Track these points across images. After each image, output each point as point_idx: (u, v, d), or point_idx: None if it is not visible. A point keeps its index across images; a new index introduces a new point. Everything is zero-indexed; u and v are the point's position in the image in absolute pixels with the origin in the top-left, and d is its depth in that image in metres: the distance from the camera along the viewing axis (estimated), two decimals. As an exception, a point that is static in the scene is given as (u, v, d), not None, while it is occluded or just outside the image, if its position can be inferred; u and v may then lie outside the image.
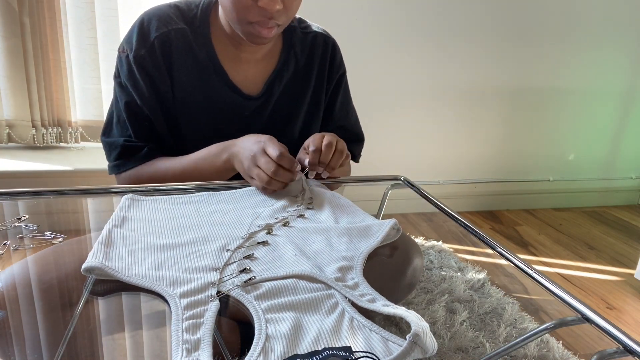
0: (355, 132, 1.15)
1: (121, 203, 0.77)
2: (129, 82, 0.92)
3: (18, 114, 1.71)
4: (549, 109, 2.08)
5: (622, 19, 2.02)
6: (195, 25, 0.94)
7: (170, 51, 0.92)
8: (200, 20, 0.94)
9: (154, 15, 0.93)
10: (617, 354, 0.51)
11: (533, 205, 2.17)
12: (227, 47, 0.96)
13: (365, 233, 0.73)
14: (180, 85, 0.94)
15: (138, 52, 0.90)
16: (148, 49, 0.91)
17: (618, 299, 1.41)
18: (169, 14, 0.93)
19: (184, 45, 0.93)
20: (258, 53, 0.98)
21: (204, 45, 0.94)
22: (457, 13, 1.83)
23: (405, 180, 0.99)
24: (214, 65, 0.94)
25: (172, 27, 0.92)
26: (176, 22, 0.93)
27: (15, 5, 1.61)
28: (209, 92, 0.95)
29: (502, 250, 0.72)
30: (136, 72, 0.91)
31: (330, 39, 1.06)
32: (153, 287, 0.56)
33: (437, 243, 1.56)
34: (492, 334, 1.05)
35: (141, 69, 0.91)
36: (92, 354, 0.67)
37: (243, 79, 0.97)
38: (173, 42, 0.92)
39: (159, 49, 0.91)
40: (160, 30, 0.91)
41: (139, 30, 0.92)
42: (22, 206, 1.02)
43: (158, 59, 0.91)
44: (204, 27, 0.94)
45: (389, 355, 0.46)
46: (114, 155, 0.94)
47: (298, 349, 0.47)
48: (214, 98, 0.95)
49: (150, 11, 0.94)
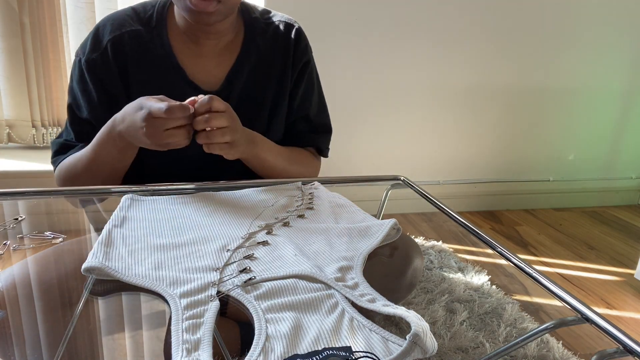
0: (321, 122, 1.10)
1: (121, 203, 0.78)
2: (79, 86, 0.94)
3: (18, 114, 1.71)
4: (549, 109, 2.08)
5: (622, 19, 2.02)
6: (152, 26, 0.94)
7: (124, 54, 0.92)
8: (157, 19, 0.94)
9: (108, 20, 0.94)
10: (617, 354, 0.51)
11: (533, 205, 2.17)
12: (185, 44, 0.95)
13: (365, 233, 0.73)
14: (137, 86, 0.93)
15: (90, 56, 0.91)
16: (100, 53, 0.91)
17: (618, 299, 1.41)
18: (124, 17, 0.94)
19: (140, 47, 0.93)
20: (216, 46, 0.96)
21: (161, 45, 0.94)
22: (458, 13, 1.83)
23: (405, 180, 0.99)
24: (171, 64, 0.94)
25: (126, 30, 0.92)
26: (131, 24, 0.93)
27: (15, 5, 1.61)
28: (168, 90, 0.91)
29: (502, 250, 0.72)
30: (87, 77, 0.92)
31: (294, 26, 1.02)
32: (153, 287, 0.56)
33: (437, 243, 1.56)
34: (492, 334, 1.05)
35: (92, 74, 0.92)
36: (92, 354, 0.67)
37: (203, 75, 0.96)
38: (127, 45, 0.92)
39: (111, 52, 0.91)
40: (113, 34, 0.92)
41: (93, 36, 0.93)
42: (22, 206, 1.02)
43: (110, 63, 0.92)
44: (161, 26, 0.94)
45: (389, 355, 0.46)
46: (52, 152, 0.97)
47: (298, 348, 0.47)
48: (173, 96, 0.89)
49: (106, 17, 0.96)
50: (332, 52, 1.75)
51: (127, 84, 0.94)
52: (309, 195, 0.87)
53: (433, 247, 1.52)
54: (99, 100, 0.92)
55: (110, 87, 0.93)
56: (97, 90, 0.92)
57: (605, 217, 2.13)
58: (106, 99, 0.93)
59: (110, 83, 0.92)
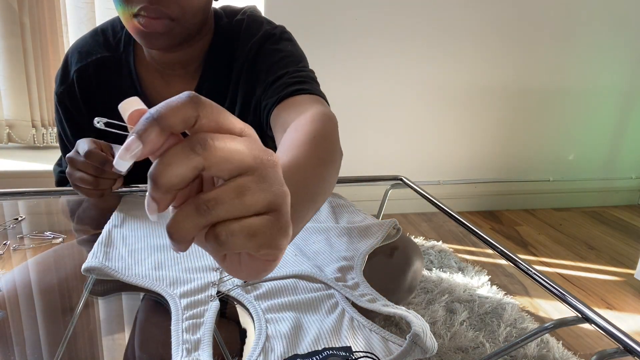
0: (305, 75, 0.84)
1: (121, 203, 0.77)
2: (56, 117, 0.95)
3: (18, 114, 1.71)
4: (549, 109, 2.08)
5: (622, 19, 2.02)
6: (119, 51, 0.90)
7: (89, 84, 0.89)
8: (124, 43, 0.90)
9: (76, 49, 0.91)
10: (617, 354, 0.51)
11: (533, 205, 2.17)
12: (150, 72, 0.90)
13: (365, 233, 0.73)
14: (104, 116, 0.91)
15: (59, 89, 0.91)
16: (67, 85, 0.90)
17: (618, 299, 1.41)
18: (91, 44, 0.90)
19: (105, 76, 0.90)
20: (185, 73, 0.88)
21: (127, 71, 0.90)
22: (458, 13, 1.83)
23: (405, 180, 0.99)
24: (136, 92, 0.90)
25: (92, 59, 0.89)
26: (98, 51, 0.90)
27: (15, 5, 1.61)
28: None
29: (502, 250, 0.72)
30: (59, 109, 0.92)
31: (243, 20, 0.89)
32: (153, 287, 0.56)
33: (437, 243, 1.56)
34: (492, 334, 1.05)
35: (62, 106, 0.91)
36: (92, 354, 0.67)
37: None
38: (92, 75, 0.89)
39: (77, 84, 0.89)
40: (79, 64, 0.89)
41: (62, 67, 0.92)
42: (22, 206, 1.02)
43: (76, 95, 0.90)
44: (127, 52, 0.90)
45: (389, 355, 0.46)
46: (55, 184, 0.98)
47: (298, 348, 0.47)
48: None
49: (74, 44, 0.93)
50: (331, 53, 1.75)
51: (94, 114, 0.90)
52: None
53: (433, 247, 1.52)
54: (70, 131, 0.92)
55: (78, 119, 0.92)
56: (67, 122, 0.92)
57: (605, 217, 2.13)
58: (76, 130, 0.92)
59: (78, 115, 0.91)
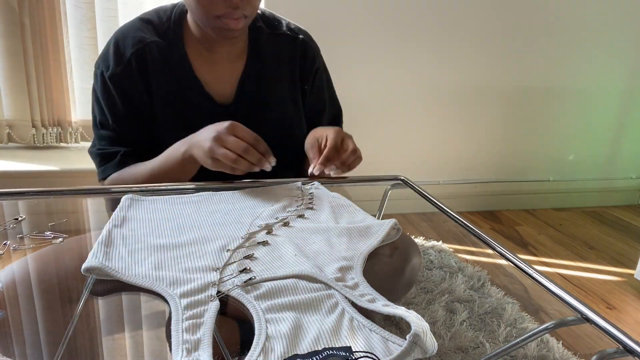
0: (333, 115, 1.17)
1: (121, 203, 0.78)
2: (104, 99, 0.95)
3: (18, 114, 1.71)
4: (548, 109, 2.08)
5: (622, 18, 2.02)
6: (169, 38, 0.95)
7: (146, 66, 0.94)
8: (174, 31, 0.96)
9: (128, 32, 0.95)
10: (617, 354, 0.51)
11: (533, 205, 2.17)
12: (200, 53, 0.97)
13: (365, 233, 0.73)
14: (158, 97, 0.95)
15: (114, 70, 0.92)
16: (124, 66, 0.92)
17: (618, 299, 1.41)
18: (142, 29, 0.95)
19: (160, 58, 0.94)
20: (231, 53, 0.98)
21: (178, 55, 0.95)
22: (458, 13, 1.83)
23: (405, 180, 0.99)
24: (188, 75, 0.96)
25: (146, 42, 0.94)
26: (150, 37, 0.94)
27: (15, 5, 1.61)
28: (185, 102, 0.96)
29: (502, 250, 0.72)
30: (112, 90, 0.93)
31: (299, 38, 1.04)
32: (153, 287, 0.56)
33: (437, 243, 1.56)
34: (492, 334, 1.05)
35: (117, 87, 0.93)
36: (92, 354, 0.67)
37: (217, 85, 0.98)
38: (148, 57, 0.93)
39: (135, 65, 0.93)
40: (135, 47, 0.93)
41: (114, 49, 0.94)
42: (22, 206, 1.03)
43: (135, 75, 0.93)
44: (178, 39, 0.96)
45: (389, 355, 0.46)
46: (97, 162, 0.98)
47: (298, 349, 0.47)
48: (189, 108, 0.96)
49: (123, 29, 0.96)
50: (331, 53, 1.74)
51: (150, 95, 0.95)
52: (309, 195, 0.87)
53: (433, 247, 1.52)
54: (124, 111, 0.94)
55: (136, 99, 0.94)
56: (123, 103, 0.94)
57: (605, 217, 2.13)
58: (131, 110, 0.95)
59: (136, 95, 0.94)
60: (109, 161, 0.96)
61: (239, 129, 0.83)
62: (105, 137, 0.96)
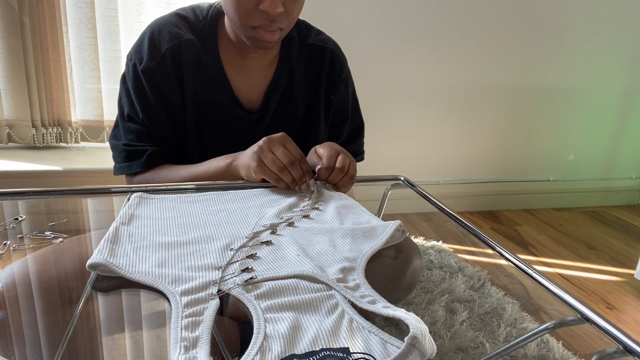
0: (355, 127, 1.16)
1: (130, 201, 0.78)
2: (135, 92, 0.93)
3: (18, 114, 1.71)
4: (548, 109, 2.08)
5: (622, 18, 2.02)
6: (204, 37, 0.95)
7: (181, 63, 0.93)
8: (209, 32, 0.95)
9: (164, 27, 0.93)
10: (617, 354, 0.51)
11: (533, 205, 2.17)
12: (233, 57, 0.96)
13: (370, 234, 0.73)
14: (189, 96, 0.95)
15: (149, 64, 0.91)
16: (159, 61, 0.91)
17: (618, 299, 1.41)
18: (178, 25, 0.94)
19: (194, 57, 0.93)
20: (263, 60, 0.98)
21: (212, 58, 0.94)
22: (457, 13, 1.83)
23: (405, 180, 0.99)
24: (220, 77, 0.95)
25: (183, 39, 0.92)
26: (186, 34, 0.93)
27: (15, 5, 1.61)
28: (213, 104, 0.96)
29: (502, 250, 0.72)
30: (144, 84, 0.92)
31: (328, 49, 1.05)
32: (155, 285, 0.56)
33: (437, 243, 1.56)
34: (492, 334, 1.05)
35: (150, 81, 0.92)
36: (93, 353, 0.67)
37: (246, 90, 0.98)
38: (183, 54, 0.92)
39: (170, 61, 0.91)
40: (171, 43, 0.91)
41: (149, 42, 0.92)
42: (22, 206, 1.03)
43: (169, 71, 0.92)
44: (212, 39, 0.95)
45: (387, 357, 0.46)
46: (121, 158, 0.96)
47: (296, 349, 0.47)
48: (217, 111, 0.96)
49: (160, 22, 0.95)
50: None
51: (182, 93, 0.94)
52: (315, 195, 0.86)
53: (433, 247, 1.52)
54: (156, 106, 0.93)
55: (168, 95, 0.93)
56: (155, 98, 0.93)
57: (605, 217, 2.13)
58: (163, 106, 0.93)
59: (169, 91, 0.93)
60: (135, 159, 0.94)
61: (289, 142, 0.83)
62: (133, 131, 0.94)
